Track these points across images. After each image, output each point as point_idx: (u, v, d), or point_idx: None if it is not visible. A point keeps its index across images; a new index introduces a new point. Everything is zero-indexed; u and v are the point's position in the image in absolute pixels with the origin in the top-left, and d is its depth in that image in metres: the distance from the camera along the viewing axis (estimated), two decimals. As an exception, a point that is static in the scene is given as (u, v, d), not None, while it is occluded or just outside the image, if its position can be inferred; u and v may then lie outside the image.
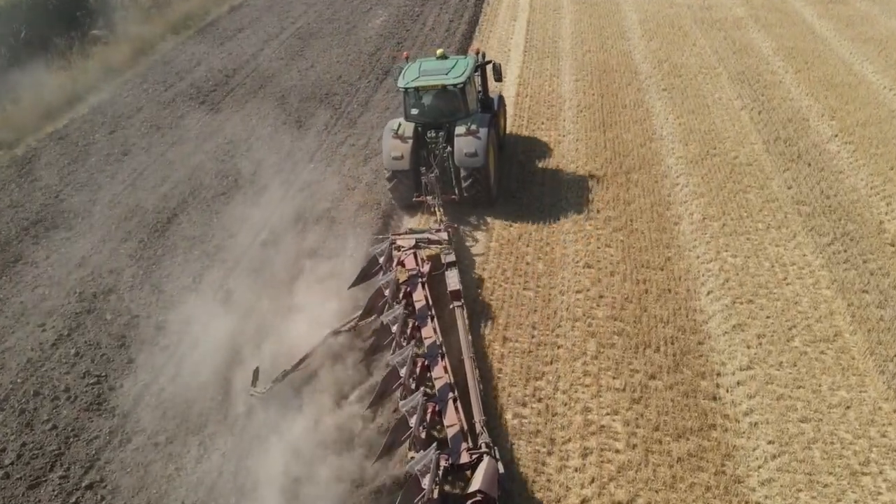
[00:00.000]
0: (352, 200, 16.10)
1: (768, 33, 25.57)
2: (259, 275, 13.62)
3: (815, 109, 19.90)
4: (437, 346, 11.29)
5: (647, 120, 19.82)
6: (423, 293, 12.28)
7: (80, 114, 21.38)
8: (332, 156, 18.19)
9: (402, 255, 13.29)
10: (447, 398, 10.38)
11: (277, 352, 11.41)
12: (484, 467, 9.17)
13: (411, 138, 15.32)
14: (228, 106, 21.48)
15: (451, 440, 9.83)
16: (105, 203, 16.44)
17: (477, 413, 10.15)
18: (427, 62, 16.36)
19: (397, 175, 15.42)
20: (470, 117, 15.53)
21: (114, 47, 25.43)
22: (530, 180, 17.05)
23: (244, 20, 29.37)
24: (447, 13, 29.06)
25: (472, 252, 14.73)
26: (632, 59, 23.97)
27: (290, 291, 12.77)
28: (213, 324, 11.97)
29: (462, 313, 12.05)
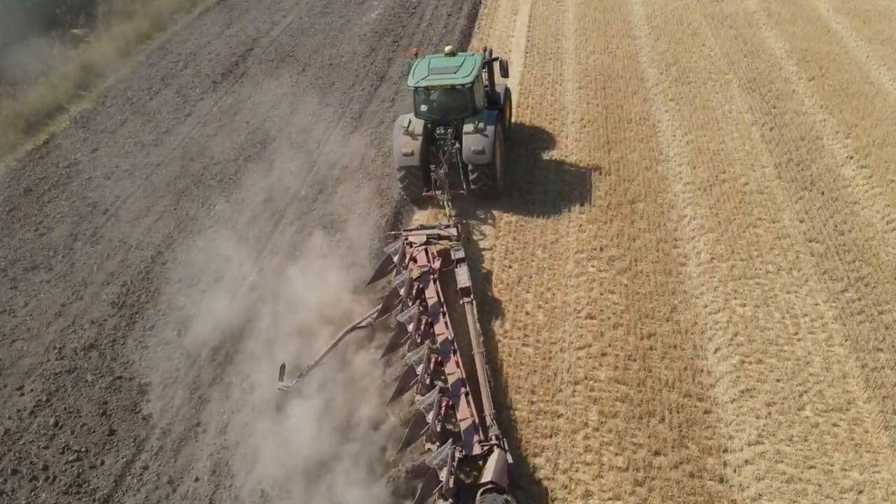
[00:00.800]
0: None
1: (781, 32, 24.53)
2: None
3: (829, 125, 19.10)
4: (450, 343, 12.13)
5: (654, 137, 19.04)
6: (435, 289, 13.14)
7: (60, 127, 20.57)
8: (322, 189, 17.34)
9: (414, 251, 14.11)
10: (460, 393, 11.29)
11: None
12: (494, 459, 10.10)
13: (421, 135, 15.96)
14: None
15: (463, 433, 10.74)
16: (87, 238, 15.80)
17: (487, 406, 11.08)
18: (436, 59, 16.89)
19: (408, 171, 16.02)
20: (478, 115, 16.17)
21: (95, 47, 24.37)
22: (532, 209, 16.37)
23: (233, 14, 28.16)
24: (445, 5, 27.91)
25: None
26: (638, 63, 23.02)
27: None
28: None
29: (472, 309, 12.95)
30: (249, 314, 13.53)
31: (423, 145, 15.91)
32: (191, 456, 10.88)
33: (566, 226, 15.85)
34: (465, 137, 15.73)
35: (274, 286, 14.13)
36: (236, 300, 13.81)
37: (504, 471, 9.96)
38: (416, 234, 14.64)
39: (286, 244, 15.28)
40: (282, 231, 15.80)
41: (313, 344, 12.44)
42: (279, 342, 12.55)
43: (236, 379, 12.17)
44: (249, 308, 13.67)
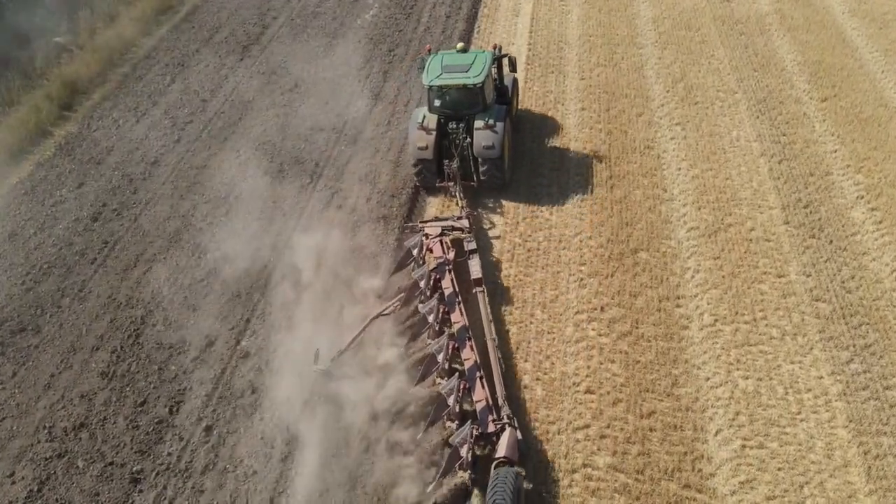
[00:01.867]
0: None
1: (794, 40, 23.67)
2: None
3: (840, 157, 18.58)
4: (465, 330, 13.64)
5: (658, 170, 18.54)
6: (451, 279, 14.68)
7: (45, 156, 20.03)
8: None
9: (430, 242, 15.65)
10: (475, 376, 12.82)
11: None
12: (506, 436, 11.75)
13: (435, 130, 17.33)
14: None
15: (479, 413, 12.28)
16: (74, 293, 15.52)
17: (499, 389, 12.68)
18: (449, 56, 18.08)
19: (422, 163, 17.53)
20: (488, 111, 17.50)
21: (80, 58, 23.56)
22: (532, 259, 16.01)
23: (221, 15, 27.07)
24: (444, 5, 26.88)
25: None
26: (644, 78, 22.28)
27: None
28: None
29: (484, 298, 14.41)
30: (244, 385, 13.38)
31: (437, 139, 17.37)
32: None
33: (566, 280, 15.55)
34: (476, 133, 17.15)
35: (265, 352, 13.95)
36: (228, 371, 13.61)
37: (515, 446, 11.72)
38: (431, 226, 16.25)
39: (277, 309, 14.94)
40: (267, 300, 15.40)
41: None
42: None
43: (230, 465, 12.07)
44: (244, 378, 13.51)
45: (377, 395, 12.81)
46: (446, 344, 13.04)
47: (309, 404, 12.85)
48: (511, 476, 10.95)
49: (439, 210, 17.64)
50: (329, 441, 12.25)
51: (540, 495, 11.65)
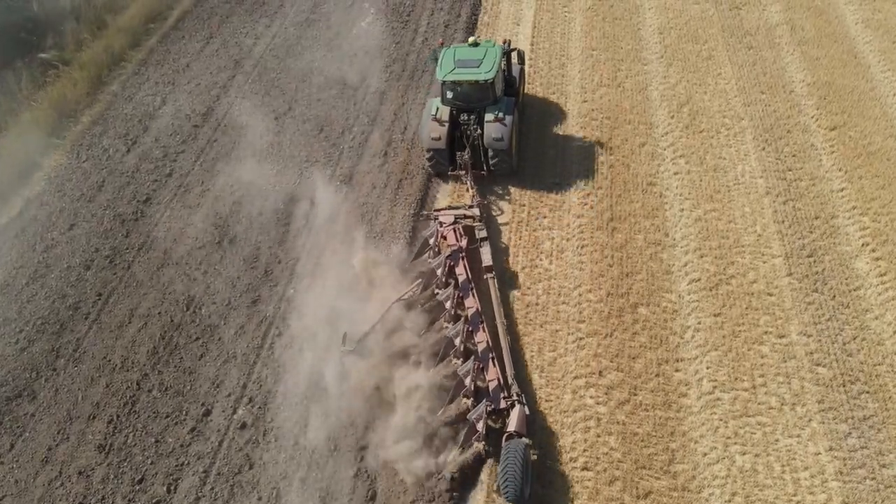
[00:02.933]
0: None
1: (804, 57, 23.09)
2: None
3: (846, 197, 18.37)
4: (478, 314, 15.28)
5: (661, 211, 18.33)
6: (464, 266, 16.27)
7: (35, 191, 19.77)
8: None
9: (444, 230, 17.20)
10: (488, 357, 14.55)
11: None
12: (516, 412, 13.50)
13: (447, 122, 18.68)
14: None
15: (492, 391, 14.07)
16: (69, 354, 15.53)
17: (508, 369, 14.38)
18: (461, 49, 19.27)
19: (435, 152, 18.92)
20: (498, 104, 18.80)
21: (67, 76, 23.01)
22: (532, 317, 15.96)
23: (212, 23, 26.30)
24: (442, 10, 26.11)
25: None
26: (648, 100, 21.84)
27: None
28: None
29: (494, 284, 16.01)
30: (241, 461, 13.49)
31: (449, 130, 18.76)
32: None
33: (565, 340, 15.54)
34: (486, 126, 18.55)
35: (261, 422, 14.01)
36: (225, 443, 13.71)
37: (524, 421, 13.50)
38: (445, 214, 17.84)
39: (273, 375, 14.96)
40: (263, 362, 15.43)
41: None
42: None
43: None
44: (241, 452, 13.61)
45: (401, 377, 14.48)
46: (462, 329, 14.86)
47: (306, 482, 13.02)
48: (521, 447, 12.94)
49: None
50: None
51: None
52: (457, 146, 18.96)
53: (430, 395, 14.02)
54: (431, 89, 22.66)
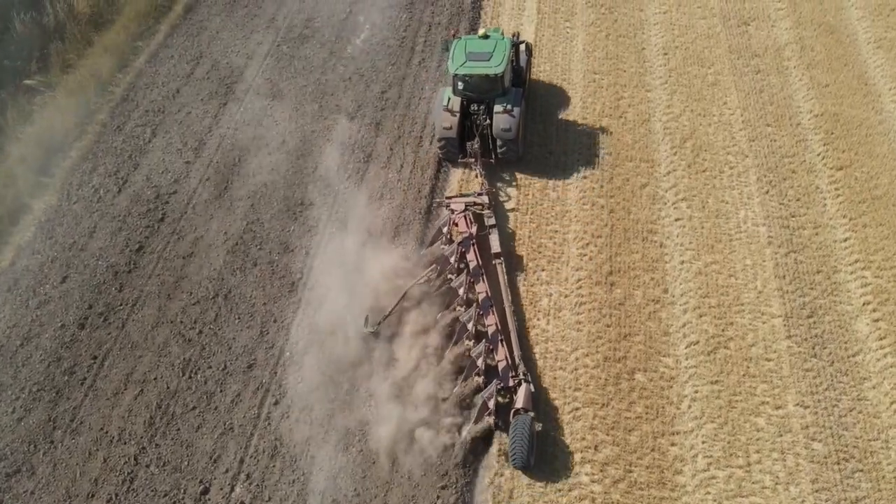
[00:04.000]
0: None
1: (812, 83, 22.77)
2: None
3: (849, 249, 18.43)
4: (489, 299, 16.98)
5: (661, 263, 18.37)
6: (475, 252, 17.86)
7: (26, 237, 19.72)
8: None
9: (455, 217, 18.78)
10: (497, 339, 16.33)
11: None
12: (522, 390, 15.40)
13: (458, 112, 20.19)
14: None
15: (501, 371, 15.96)
16: (66, 424, 15.76)
17: (515, 350, 16.25)
18: (472, 42, 20.67)
19: (447, 141, 20.44)
20: (506, 96, 20.26)
21: (53, 104, 22.62)
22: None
23: (201, 39, 25.68)
24: (440, 26, 25.52)
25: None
26: (650, 133, 21.68)
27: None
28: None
29: (502, 269, 17.81)
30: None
31: (460, 120, 20.27)
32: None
33: (561, 409, 15.74)
34: (495, 117, 20.04)
35: (259, 501, 14.30)
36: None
37: (529, 398, 15.34)
38: (456, 202, 19.30)
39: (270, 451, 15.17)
40: (260, 434, 15.61)
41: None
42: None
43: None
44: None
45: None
46: (475, 314, 16.69)
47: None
48: (527, 421, 14.92)
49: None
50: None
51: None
52: (467, 135, 20.53)
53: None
54: (427, 120, 22.43)
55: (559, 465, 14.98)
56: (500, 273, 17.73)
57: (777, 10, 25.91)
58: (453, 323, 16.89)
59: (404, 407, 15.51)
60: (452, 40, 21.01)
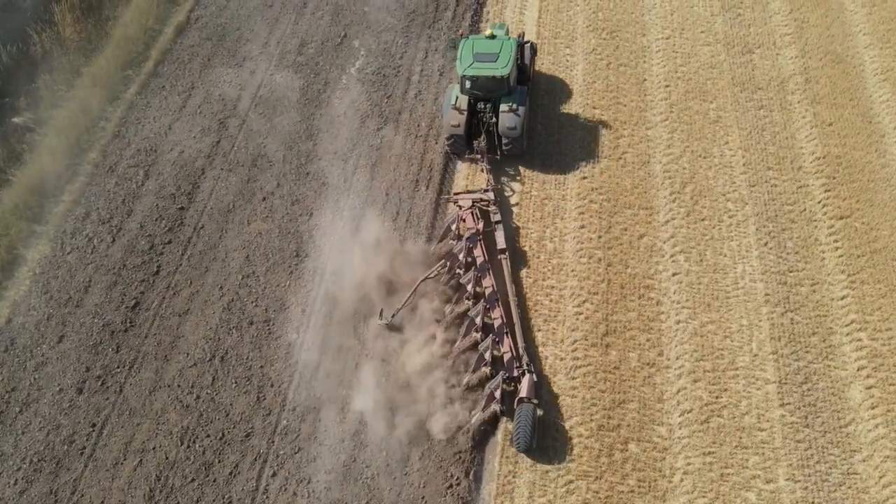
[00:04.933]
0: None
1: (816, 120, 22.89)
2: None
3: (846, 308, 18.93)
4: (495, 293, 18.69)
5: (657, 323, 18.72)
6: (482, 248, 19.52)
7: (21, 291, 20.02)
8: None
9: (463, 213, 20.42)
10: (503, 332, 18.16)
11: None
12: (526, 380, 17.19)
13: (466, 110, 21.77)
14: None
15: (506, 362, 17.85)
16: (66, 497, 16.26)
17: (519, 342, 18.03)
18: (479, 42, 22.14)
19: (455, 138, 21.99)
20: (512, 95, 21.71)
21: (42, 145, 22.58)
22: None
23: (192, 68, 25.45)
24: (436, 51, 25.22)
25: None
26: (650, 176, 21.91)
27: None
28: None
29: (507, 265, 19.39)
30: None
31: (468, 118, 21.84)
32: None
33: (555, 483, 16.20)
34: (501, 116, 21.54)
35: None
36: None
37: (532, 388, 17.23)
38: (463, 198, 20.90)
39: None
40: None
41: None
42: None
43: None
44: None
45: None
46: (482, 310, 18.42)
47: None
48: (530, 409, 16.81)
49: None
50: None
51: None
52: (473, 131, 22.18)
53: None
54: (425, 158, 22.52)
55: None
56: (504, 268, 19.41)
57: (783, 35, 25.70)
58: (462, 316, 18.79)
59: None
60: (460, 39, 22.61)
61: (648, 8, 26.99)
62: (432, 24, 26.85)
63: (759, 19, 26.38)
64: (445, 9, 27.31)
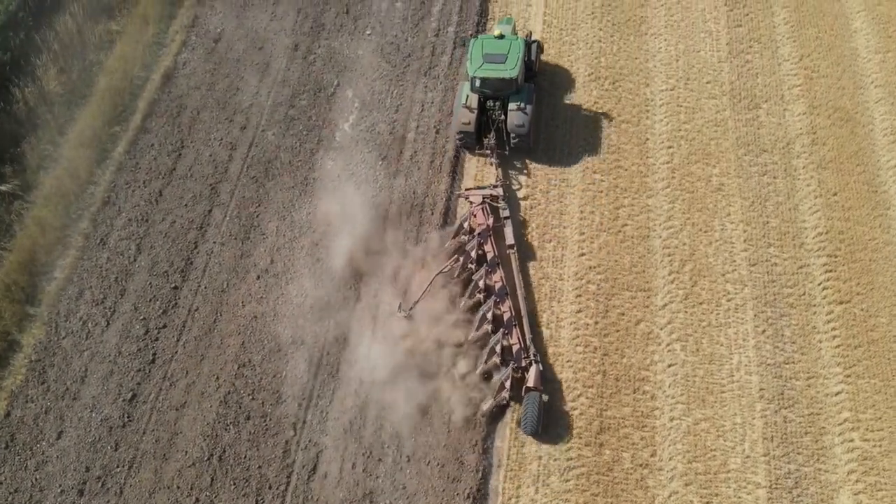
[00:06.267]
0: None
1: (820, 189, 23.55)
2: None
3: (840, 405, 19.86)
4: (504, 288, 21.12)
5: (651, 420, 19.79)
6: (492, 244, 21.98)
7: (17, 380, 20.90)
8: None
9: (474, 209, 22.82)
10: (512, 325, 20.63)
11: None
12: (533, 370, 19.93)
13: (476, 109, 24.13)
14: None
15: (515, 353, 20.37)
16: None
17: (526, 334, 20.68)
18: (488, 42, 24.34)
19: (465, 134, 24.34)
20: (520, 94, 24.02)
21: (32, 209, 22.94)
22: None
23: (181, 125, 25.59)
24: (433, 106, 25.18)
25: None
26: (649, 253, 22.68)
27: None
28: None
29: (515, 259, 21.99)
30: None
31: (478, 116, 24.16)
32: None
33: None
34: (510, 114, 23.90)
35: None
36: None
37: (539, 377, 19.94)
38: (474, 194, 23.30)
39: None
40: None
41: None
42: None
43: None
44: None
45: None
46: (492, 305, 20.84)
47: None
48: (537, 397, 19.62)
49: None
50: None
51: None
52: (483, 128, 24.50)
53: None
54: (420, 231, 23.03)
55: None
56: (513, 262, 21.95)
57: (791, 86, 25.84)
58: (474, 309, 21.29)
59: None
60: (469, 39, 25.18)
61: (653, 53, 27.08)
62: (428, 70, 27.01)
63: (768, 67, 26.43)
64: (442, 52, 27.45)
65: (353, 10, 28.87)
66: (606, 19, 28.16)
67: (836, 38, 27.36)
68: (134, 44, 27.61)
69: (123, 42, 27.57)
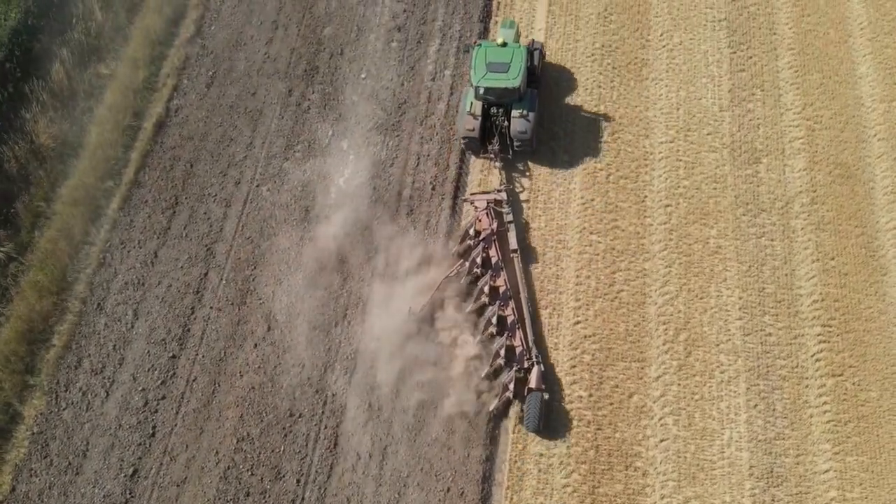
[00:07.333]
0: None
1: (817, 252, 24.42)
2: None
3: (828, 485, 21.18)
4: (507, 291, 23.40)
5: (641, 498, 21.15)
6: (496, 248, 24.03)
7: (20, 454, 22.09)
8: None
9: (479, 214, 24.89)
10: (515, 328, 22.90)
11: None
12: (535, 371, 22.14)
13: (480, 116, 25.96)
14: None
15: (518, 354, 22.66)
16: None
17: (529, 336, 22.82)
18: (491, 50, 25.94)
19: (470, 139, 26.32)
20: (522, 101, 25.83)
21: (28, 273, 23.69)
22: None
23: (176, 174, 26.31)
24: (428, 162, 25.77)
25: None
26: (644, 321, 23.78)
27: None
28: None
29: (519, 263, 24.00)
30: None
31: (482, 123, 26.09)
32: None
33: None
34: (513, 121, 25.85)
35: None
36: None
37: (541, 378, 22.17)
38: (479, 199, 25.42)
39: None
40: None
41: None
42: None
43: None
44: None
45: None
46: (496, 311, 23.05)
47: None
48: (538, 397, 21.88)
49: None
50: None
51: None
52: (487, 133, 26.46)
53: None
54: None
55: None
56: (516, 266, 24.03)
57: (793, 139, 26.48)
58: (479, 311, 23.60)
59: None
60: (473, 46, 26.71)
61: (653, 101, 27.65)
62: (424, 119, 27.67)
63: (770, 118, 26.98)
64: (439, 99, 27.96)
65: (347, 51, 29.52)
66: (606, 62, 28.74)
67: (841, 84, 27.96)
68: (124, 90, 28.40)
69: (114, 88, 28.44)
